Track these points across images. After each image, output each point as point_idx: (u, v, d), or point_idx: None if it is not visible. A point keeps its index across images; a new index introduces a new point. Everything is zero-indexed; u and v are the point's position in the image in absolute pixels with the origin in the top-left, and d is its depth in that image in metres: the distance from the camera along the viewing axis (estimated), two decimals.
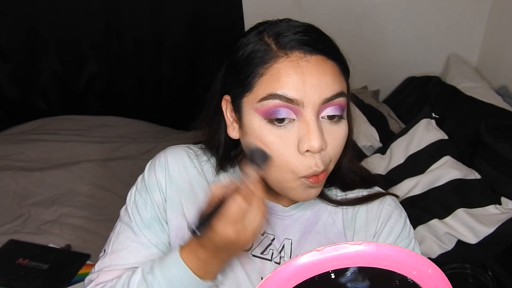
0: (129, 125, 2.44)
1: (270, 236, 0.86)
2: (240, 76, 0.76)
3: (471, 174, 1.70)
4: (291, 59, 0.73)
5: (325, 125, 0.75)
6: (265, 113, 0.73)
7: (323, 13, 2.29)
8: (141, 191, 0.90)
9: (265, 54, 0.74)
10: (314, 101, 0.72)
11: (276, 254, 0.86)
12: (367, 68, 2.49)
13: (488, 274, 1.51)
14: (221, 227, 0.69)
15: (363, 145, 1.99)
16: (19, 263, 1.62)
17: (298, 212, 0.87)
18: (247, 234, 0.71)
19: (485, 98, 2.05)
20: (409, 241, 0.86)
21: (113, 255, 0.86)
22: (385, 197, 0.89)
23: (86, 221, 1.81)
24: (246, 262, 0.85)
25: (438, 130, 1.84)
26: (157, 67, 2.45)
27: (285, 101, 0.72)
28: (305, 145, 0.72)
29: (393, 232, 0.85)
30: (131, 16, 2.32)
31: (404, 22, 2.41)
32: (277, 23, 0.78)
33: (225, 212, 0.69)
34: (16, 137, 2.29)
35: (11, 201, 1.90)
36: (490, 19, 2.41)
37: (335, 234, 0.86)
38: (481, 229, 1.53)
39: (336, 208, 0.88)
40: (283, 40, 0.74)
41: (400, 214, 0.88)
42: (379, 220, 0.86)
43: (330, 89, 0.74)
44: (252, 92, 0.75)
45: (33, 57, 2.37)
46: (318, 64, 0.74)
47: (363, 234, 0.86)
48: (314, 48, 0.74)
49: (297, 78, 0.72)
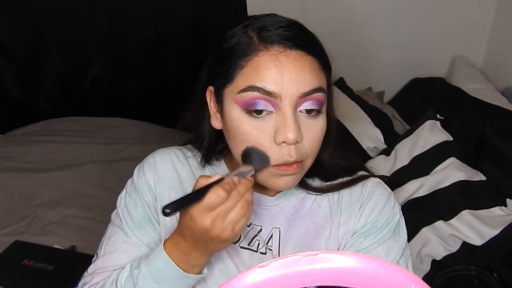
0: (133, 126, 2.44)
1: (256, 227, 0.88)
2: (223, 68, 0.78)
3: (476, 175, 1.70)
4: (271, 53, 0.75)
5: (302, 119, 0.77)
6: (244, 104, 0.76)
7: (328, 14, 2.28)
8: (131, 193, 0.91)
9: (247, 47, 0.76)
10: (291, 95, 0.74)
11: (262, 244, 0.87)
12: (372, 69, 2.49)
13: (493, 276, 1.50)
14: (197, 212, 0.71)
15: (367, 147, 1.99)
16: (24, 264, 1.62)
17: (284, 201, 0.89)
18: (225, 227, 0.71)
19: (490, 100, 2.05)
20: (392, 216, 0.88)
21: (105, 257, 0.87)
22: (369, 179, 0.91)
23: (91, 222, 1.81)
24: (234, 253, 0.87)
25: (443, 132, 1.84)
26: (162, 68, 2.45)
27: (263, 93, 0.74)
28: (280, 137, 0.75)
29: (376, 207, 0.87)
30: (135, 17, 2.32)
31: (409, 23, 2.40)
32: (263, 18, 0.80)
33: (203, 200, 0.70)
34: (21, 138, 2.29)
35: (17, 202, 1.90)
36: (495, 21, 2.40)
37: (321, 218, 0.88)
38: (486, 231, 1.53)
39: (321, 195, 0.90)
40: (265, 34, 0.76)
41: (383, 192, 0.89)
42: (362, 199, 0.88)
43: (308, 83, 0.75)
44: (233, 84, 0.77)
45: (38, 58, 2.37)
46: (297, 59, 0.75)
47: (348, 214, 0.88)
48: (294, 43, 0.76)
49: (275, 72, 0.74)
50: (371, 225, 0.86)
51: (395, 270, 0.38)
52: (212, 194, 0.70)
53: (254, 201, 0.87)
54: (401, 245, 0.87)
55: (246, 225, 0.73)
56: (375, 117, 2.08)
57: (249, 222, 0.87)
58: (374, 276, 0.37)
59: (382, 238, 0.85)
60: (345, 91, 2.21)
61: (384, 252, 0.84)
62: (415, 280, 0.39)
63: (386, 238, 0.85)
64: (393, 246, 0.86)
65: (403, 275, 0.38)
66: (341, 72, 2.31)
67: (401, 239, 0.88)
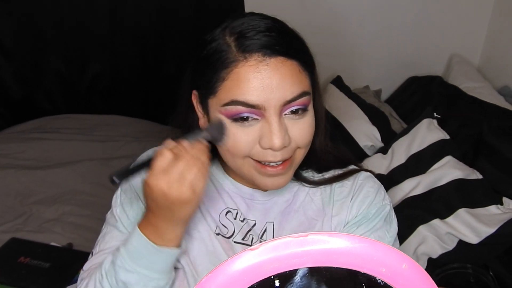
0: (131, 124, 2.44)
1: (250, 222, 0.89)
2: (204, 78, 0.78)
3: (472, 174, 1.70)
4: (250, 64, 0.74)
5: (288, 121, 0.77)
6: (229, 115, 0.76)
7: (326, 12, 2.28)
8: (126, 191, 0.92)
9: (226, 57, 0.75)
10: (275, 104, 0.75)
11: (257, 239, 0.88)
12: (369, 68, 2.49)
13: (489, 274, 1.50)
14: (151, 179, 0.72)
15: (364, 145, 1.99)
16: (21, 261, 1.62)
17: (277, 195, 0.90)
18: (183, 188, 0.72)
19: (488, 98, 2.05)
20: (383, 207, 0.88)
21: (99, 254, 0.87)
22: (360, 173, 0.92)
23: (88, 220, 1.81)
24: (228, 248, 0.87)
25: (440, 130, 1.84)
26: (161, 66, 2.45)
27: (246, 106, 0.74)
28: (267, 143, 0.75)
29: (367, 199, 0.88)
30: (135, 15, 2.32)
31: (406, 22, 2.40)
32: (240, 19, 0.79)
33: (153, 165, 0.72)
34: (18, 135, 2.29)
35: (13, 199, 1.90)
36: (492, 19, 2.40)
37: (314, 211, 0.89)
38: (482, 229, 1.53)
39: (314, 188, 0.91)
40: (243, 42, 0.75)
41: (373, 185, 0.91)
42: (353, 192, 0.89)
43: (290, 91, 0.75)
44: (216, 96, 0.77)
45: (37, 56, 2.37)
46: (277, 67, 0.74)
47: (340, 206, 0.89)
48: (273, 50, 0.75)
49: (256, 83, 0.74)
50: (363, 215, 0.87)
51: (387, 250, 0.38)
52: (158, 157, 0.72)
53: (247, 196, 0.89)
54: (392, 235, 0.89)
55: (205, 185, 0.74)
56: (372, 116, 2.08)
57: (243, 217, 0.89)
58: (365, 256, 0.38)
59: (374, 227, 0.86)
60: (342, 89, 2.21)
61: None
62: (406, 260, 0.39)
63: (378, 227, 0.87)
64: (385, 235, 0.87)
65: (394, 254, 0.38)
66: (338, 70, 2.32)
67: (392, 229, 0.89)
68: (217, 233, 0.88)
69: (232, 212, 0.89)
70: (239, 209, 0.89)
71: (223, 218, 0.89)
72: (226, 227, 0.89)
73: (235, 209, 0.89)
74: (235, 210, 0.89)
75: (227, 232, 0.88)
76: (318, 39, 0.82)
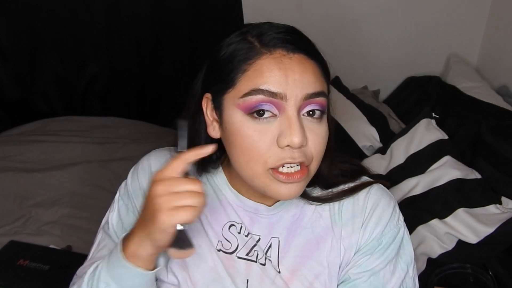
0: (129, 126, 2.44)
1: (255, 237, 0.86)
2: (222, 73, 0.77)
3: (471, 174, 1.70)
4: (274, 56, 0.75)
5: (306, 122, 0.76)
6: (247, 108, 0.74)
7: (323, 14, 2.29)
8: (123, 196, 0.91)
9: (249, 51, 0.76)
10: (296, 95, 0.74)
11: (262, 255, 0.85)
12: (367, 68, 2.50)
13: (488, 274, 1.50)
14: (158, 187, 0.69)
15: (363, 145, 1.99)
16: (20, 264, 1.62)
17: (283, 210, 0.87)
18: (167, 204, 0.68)
19: (486, 98, 2.05)
20: (397, 230, 0.86)
21: (92, 262, 0.86)
22: (372, 186, 0.88)
23: (87, 222, 1.81)
24: (230, 264, 0.84)
25: (438, 130, 1.84)
26: (158, 68, 2.45)
27: (268, 95, 0.73)
28: (285, 140, 0.73)
29: (380, 221, 0.85)
30: (132, 16, 2.32)
31: (404, 22, 2.41)
32: (260, 25, 0.80)
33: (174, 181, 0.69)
34: (16, 138, 2.29)
35: (12, 202, 1.90)
36: (490, 19, 2.41)
37: (323, 229, 0.86)
38: (481, 229, 1.53)
39: (322, 204, 0.87)
40: (266, 38, 0.76)
41: (389, 203, 0.87)
42: (366, 210, 0.85)
43: (312, 86, 0.75)
44: (235, 88, 0.76)
45: (34, 57, 2.37)
46: (301, 62, 0.75)
47: (351, 227, 0.85)
48: (297, 46, 0.76)
49: (280, 73, 0.73)
50: (376, 240, 0.84)
51: None
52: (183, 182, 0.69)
53: (251, 210, 0.86)
54: (406, 260, 0.85)
55: (184, 221, 0.68)
56: (370, 116, 2.08)
57: (248, 231, 0.85)
58: None
59: (388, 256, 0.83)
60: (341, 90, 2.22)
61: (390, 272, 0.83)
62: None
63: (392, 256, 0.84)
64: (398, 263, 0.84)
65: None
66: (336, 71, 2.32)
67: (407, 253, 0.86)
68: (218, 249, 0.85)
69: (236, 226, 0.86)
70: (243, 223, 0.86)
71: (226, 232, 0.86)
72: (229, 242, 0.86)
73: (239, 222, 0.86)
74: (239, 224, 0.86)
75: (230, 247, 0.85)
76: (316, 39, 0.82)
